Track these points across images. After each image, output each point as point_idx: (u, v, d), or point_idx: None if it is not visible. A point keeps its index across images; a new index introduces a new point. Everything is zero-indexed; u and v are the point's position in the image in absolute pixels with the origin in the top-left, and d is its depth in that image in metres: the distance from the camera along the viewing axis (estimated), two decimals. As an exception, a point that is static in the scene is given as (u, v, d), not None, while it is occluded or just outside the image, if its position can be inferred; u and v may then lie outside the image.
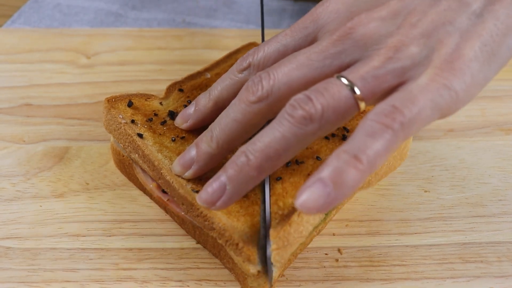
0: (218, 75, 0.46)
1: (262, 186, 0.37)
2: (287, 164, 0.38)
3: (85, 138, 0.48)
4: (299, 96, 0.30)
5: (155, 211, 0.42)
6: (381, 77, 0.30)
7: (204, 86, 0.45)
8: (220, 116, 0.35)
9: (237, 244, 0.34)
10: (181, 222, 0.40)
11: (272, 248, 0.33)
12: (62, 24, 0.67)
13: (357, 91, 0.30)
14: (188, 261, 0.38)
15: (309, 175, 0.37)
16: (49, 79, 0.55)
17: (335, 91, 0.30)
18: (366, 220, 0.42)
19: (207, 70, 0.47)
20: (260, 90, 0.33)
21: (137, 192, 0.43)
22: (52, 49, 0.59)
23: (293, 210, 0.35)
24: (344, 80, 0.30)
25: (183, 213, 0.39)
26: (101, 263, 0.38)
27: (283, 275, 0.37)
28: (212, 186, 0.32)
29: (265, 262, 0.34)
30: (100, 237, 0.40)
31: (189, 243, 0.40)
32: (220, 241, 0.35)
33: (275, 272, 0.34)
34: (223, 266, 0.38)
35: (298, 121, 0.30)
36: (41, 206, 0.42)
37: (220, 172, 0.32)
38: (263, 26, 0.52)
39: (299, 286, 0.37)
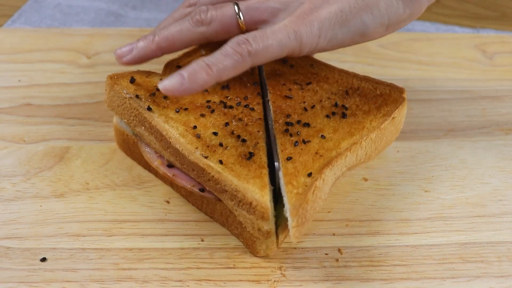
0: (213, 50, 0.48)
1: (269, 152, 0.40)
2: (295, 144, 0.40)
3: (85, 138, 0.48)
4: (202, 7, 0.43)
5: (155, 211, 0.42)
6: (261, 10, 0.43)
7: None
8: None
9: (250, 203, 0.36)
10: (188, 195, 0.42)
11: (292, 226, 0.35)
12: (63, 24, 0.67)
13: (241, 16, 0.43)
14: (188, 261, 0.38)
15: (316, 153, 0.39)
16: (50, 79, 0.55)
17: (226, 10, 0.43)
18: (366, 220, 0.42)
19: (201, 47, 0.49)
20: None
21: (137, 192, 0.43)
22: (53, 49, 0.59)
23: (307, 189, 0.36)
24: (235, 7, 0.43)
25: (189, 186, 0.40)
26: (101, 263, 0.38)
27: (283, 276, 0.37)
28: (121, 49, 0.45)
29: (275, 222, 0.37)
30: (100, 237, 0.40)
31: (189, 243, 0.40)
32: (231, 203, 0.37)
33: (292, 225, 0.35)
34: (223, 266, 0.38)
35: (194, 22, 0.43)
36: (41, 206, 0.42)
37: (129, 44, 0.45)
38: None
39: (299, 286, 0.37)
